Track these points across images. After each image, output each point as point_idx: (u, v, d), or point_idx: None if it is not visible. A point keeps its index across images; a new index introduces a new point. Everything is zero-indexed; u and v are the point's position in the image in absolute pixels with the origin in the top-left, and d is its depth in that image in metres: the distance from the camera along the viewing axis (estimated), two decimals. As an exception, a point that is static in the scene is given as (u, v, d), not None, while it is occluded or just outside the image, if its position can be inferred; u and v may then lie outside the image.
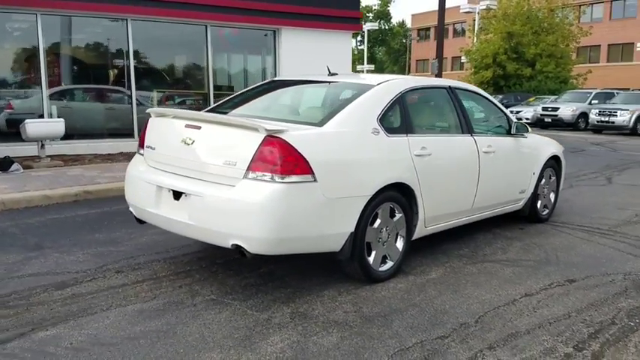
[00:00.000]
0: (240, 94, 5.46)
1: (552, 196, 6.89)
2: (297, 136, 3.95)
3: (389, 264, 4.61)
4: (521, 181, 6.20)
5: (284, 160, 3.83)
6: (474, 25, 36.96)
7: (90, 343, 3.43)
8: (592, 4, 47.65)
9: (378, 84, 4.80)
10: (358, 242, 4.27)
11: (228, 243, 3.96)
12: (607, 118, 22.05)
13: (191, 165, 4.19)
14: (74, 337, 3.50)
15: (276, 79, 5.65)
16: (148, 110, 4.80)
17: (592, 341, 3.63)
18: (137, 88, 11.09)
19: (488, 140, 5.57)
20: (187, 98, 12.29)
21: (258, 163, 3.86)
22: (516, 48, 32.32)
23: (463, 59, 36.63)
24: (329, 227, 4.09)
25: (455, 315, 3.98)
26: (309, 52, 12.42)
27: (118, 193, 7.36)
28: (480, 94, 5.91)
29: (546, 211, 6.76)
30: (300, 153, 3.87)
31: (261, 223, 3.83)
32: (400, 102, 4.77)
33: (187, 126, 4.26)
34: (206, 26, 11.53)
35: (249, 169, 3.88)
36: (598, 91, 26.94)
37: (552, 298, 4.35)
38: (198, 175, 4.14)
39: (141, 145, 4.74)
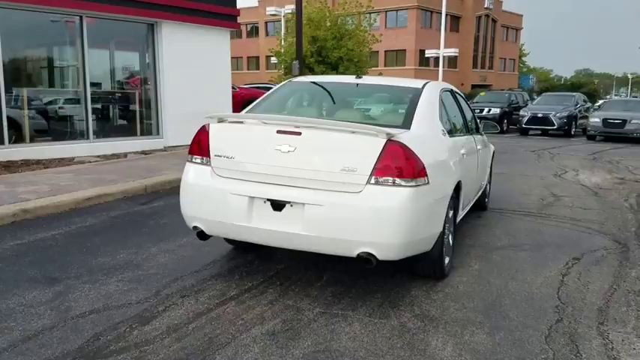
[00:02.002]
0: (272, 96, 5.06)
1: (488, 186, 7.63)
2: (410, 139, 3.91)
3: (447, 259, 4.76)
4: (485, 174, 6.79)
5: (408, 164, 3.78)
6: (281, 27, 37.85)
7: (273, 377, 3.05)
8: (370, 13, 52.09)
9: (423, 86, 4.90)
10: (442, 240, 4.36)
11: (353, 252, 3.78)
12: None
13: (294, 173, 3.87)
14: (248, 373, 3.07)
15: (294, 80, 5.35)
16: (207, 116, 4.27)
17: (657, 307, 4.24)
18: (5, 87, 9.40)
19: (476, 138, 6.02)
20: (59, 97, 10.77)
21: (382, 168, 3.74)
22: (320, 51, 33.88)
23: (273, 59, 37.30)
24: (432, 228, 4.13)
25: (541, 300, 4.30)
26: (189, 49, 11.78)
27: (55, 210, 6.42)
28: (462, 96, 6.32)
29: (486, 199, 7.48)
30: (418, 156, 3.85)
31: (393, 229, 3.74)
32: (442, 104, 4.95)
33: (280, 132, 3.92)
34: (81, 17, 10.19)
35: (372, 174, 3.74)
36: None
37: (584, 274, 4.91)
38: (305, 183, 3.85)
39: (202, 154, 4.20)
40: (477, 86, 53.01)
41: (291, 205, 3.85)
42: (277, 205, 3.88)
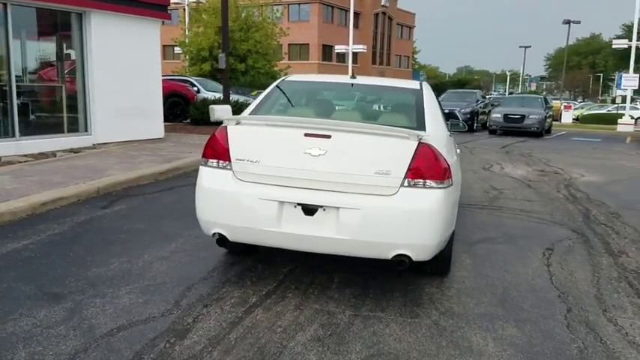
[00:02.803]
0: (271, 96, 4.88)
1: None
2: (435, 141, 3.97)
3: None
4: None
5: (438, 165, 3.84)
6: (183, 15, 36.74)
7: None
8: (274, 5, 51.87)
9: (420, 86, 4.97)
10: (453, 238, 4.47)
11: (389, 254, 3.78)
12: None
13: (325, 177, 3.80)
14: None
15: (287, 79, 5.19)
16: (225, 118, 4.08)
17: (642, 291, 4.61)
18: None
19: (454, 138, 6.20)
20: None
21: (415, 170, 3.77)
22: (228, 43, 33.19)
23: (177, 50, 36.12)
24: (452, 227, 4.22)
25: (542, 290, 4.54)
26: (119, 40, 11.07)
27: (12, 217, 5.93)
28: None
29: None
30: (445, 158, 3.92)
31: (429, 230, 3.79)
32: (439, 104, 5.05)
33: (309, 135, 3.83)
34: (5, 5, 9.25)
35: (406, 176, 3.76)
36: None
37: (564, 264, 5.23)
38: (338, 187, 3.79)
39: (221, 158, 4.00)
40: (377, 81, 54.39)
41: (324, 210, 3.78)
42: (309, 210, 3.79)
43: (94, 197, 7.06)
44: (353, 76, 5.17)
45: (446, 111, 23.31)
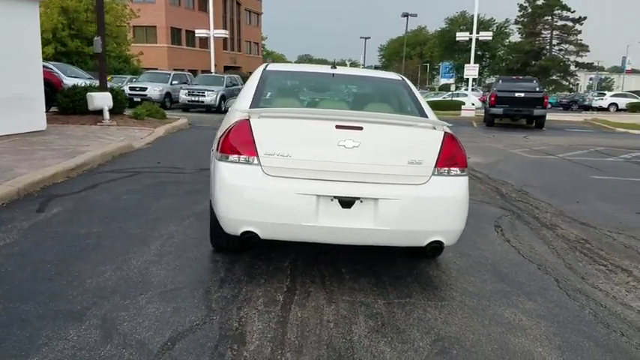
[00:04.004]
0: (266, 87, 4.61)
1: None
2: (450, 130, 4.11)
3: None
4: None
5: (461, 153, 4.00)
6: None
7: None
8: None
9: (402, 77, 5.07)
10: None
11: (424, 241, 3.87)
12: (197, 98, 24.05)
13: (361, 169, 3.76)
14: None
15: (269, 69, 4.90)
16: (249, 111, 3.82)
17: (615, 256, 5.18)
18: None
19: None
20: None
21: (444, 159, 3.89)
22: (72, 24, 30.73)
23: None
24: None
25: (523, 264, 4.92)
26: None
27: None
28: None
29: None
30: (463, 148, 4.09)
31: (459, 215, 3.94)
32: None
33: (340, 127, 3.75)
34: None
35: (436, 165, 3.86)
36: (175, 72, 28.56)
37: (519, 239, 5.70)
38: (374, 178, 3.77)
39: (246, 153, 3.74)
40: (229, 68, 53.72)
41: (361, 202, 3.74)
42: (346, 203, 3.73)
43: (16, 200, 6.21)
44: (333, 66, 5.12)
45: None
